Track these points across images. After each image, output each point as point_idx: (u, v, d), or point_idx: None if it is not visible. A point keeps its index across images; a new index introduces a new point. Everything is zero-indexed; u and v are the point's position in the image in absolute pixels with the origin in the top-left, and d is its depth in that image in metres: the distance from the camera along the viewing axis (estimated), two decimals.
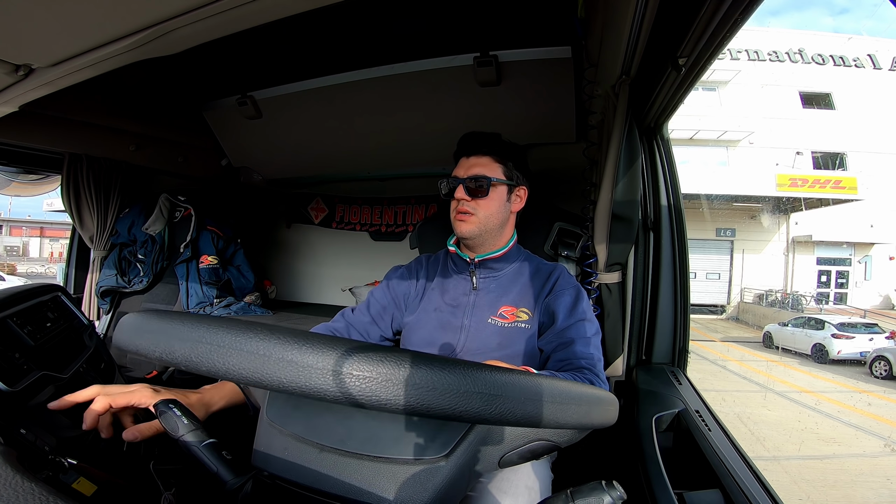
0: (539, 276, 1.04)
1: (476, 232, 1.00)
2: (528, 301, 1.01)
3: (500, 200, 1.01)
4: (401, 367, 0.35)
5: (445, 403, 0.35)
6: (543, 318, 0.99)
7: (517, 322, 0.99)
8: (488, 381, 0.36)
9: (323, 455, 0.48)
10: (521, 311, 1.00)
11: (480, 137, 1.03)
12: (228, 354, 0.37)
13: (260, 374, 0.36)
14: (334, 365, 0.34)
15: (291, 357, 0.35)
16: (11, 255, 23.41)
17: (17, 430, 0.71)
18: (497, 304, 1.01)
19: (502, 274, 1.05)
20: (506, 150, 1.03)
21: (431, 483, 0.45)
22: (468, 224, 1.00)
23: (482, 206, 1.00)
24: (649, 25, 0.81)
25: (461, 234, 1.01)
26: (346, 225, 2.62)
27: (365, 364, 0.34)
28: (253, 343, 0.37)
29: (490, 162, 1.01)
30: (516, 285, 1.03)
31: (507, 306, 1.01)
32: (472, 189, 0.99)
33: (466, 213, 1.00)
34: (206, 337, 0.39)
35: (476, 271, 1.04)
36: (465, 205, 1.00)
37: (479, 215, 1.00)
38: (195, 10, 0.63)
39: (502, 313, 1.00)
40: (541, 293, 1.01)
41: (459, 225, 1.01)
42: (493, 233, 1.02)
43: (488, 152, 1.02)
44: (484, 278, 1.05)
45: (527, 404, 0.38)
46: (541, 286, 1.02)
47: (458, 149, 1.06)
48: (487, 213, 1.00)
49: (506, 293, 1.02)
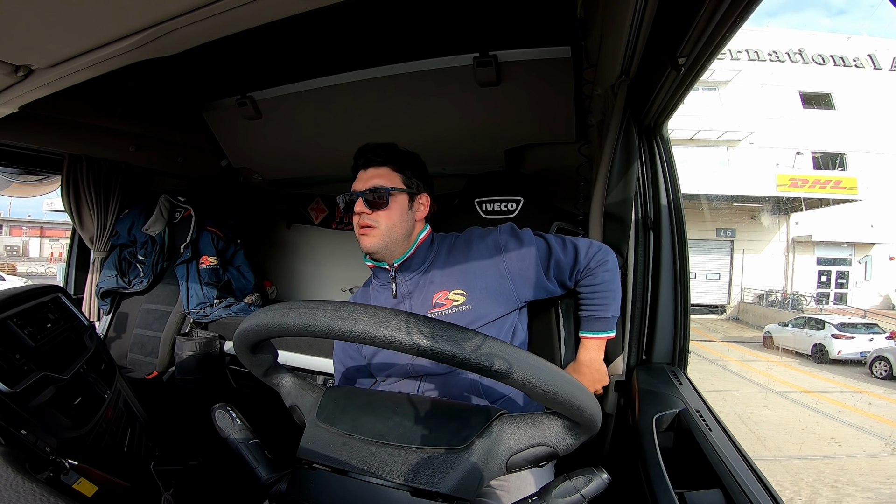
0: (476, 254, 1.02)
1: (381, 245, 0.98)
2: (459, 279, 1.00)
3: (401, 210, 1.00)
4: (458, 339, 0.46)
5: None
6: (524, 287, 1.00)
7: (454, 306, 0.98)
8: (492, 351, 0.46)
9: (364, 445, 0.58)
10: (454, 294, 0.99)
11: (376, 148, 1.01)
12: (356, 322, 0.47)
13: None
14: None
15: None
16: (11, 255, 23.40)
17: (17, 431, 0.71)
18: (429, 296, 1.00)
19: (423, 268, 1.03)
20: (403, 160, 1.02)
21: (454, 468, 0.55)
22: (371, 238, 0.97)
23: (383, 217, 0.97)
24: (648, 25, 0.81)
25: (365, 248, 0.99)
26: (346, 225, 2.61)
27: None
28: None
29: (388, 172, 1.00)
30: (442, 270, 1.02)
31: (440, 292, 0.99)
32: (372, 201, 0.97)
33: (368, 226, 0.97)
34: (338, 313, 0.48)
35: (397, 276, 1.02)
36: (366, 218, 0.97)
37: (382, 227, 0.97)
38: (195, 10, 0.63)
39: (437, 302, 0.99)
40: (496, 275, 1.00)
41: (363, 240, 0.98)
42: (398, 243, 1.00)
43: (384, 162, 1.00)
44: (407, 280, 1.03)
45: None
46: (490, 267, 1.00)
47: (355, 162, 1.03)
48: (390, 223, 0.98)
49: (431, 282, 1.01)
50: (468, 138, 1.76)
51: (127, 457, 1.15)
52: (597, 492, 0.51)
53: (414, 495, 0.54)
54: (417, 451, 0.56)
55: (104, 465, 0.84)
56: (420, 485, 0.54)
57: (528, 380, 0.45)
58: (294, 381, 0.67)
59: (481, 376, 0.73)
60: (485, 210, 1.41)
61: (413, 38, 1.44)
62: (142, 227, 2.10)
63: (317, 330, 0.47)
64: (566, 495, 0.51)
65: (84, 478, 0.69)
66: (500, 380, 0.46)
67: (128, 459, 1.15)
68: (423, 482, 0.54)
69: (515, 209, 1.38)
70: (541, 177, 1.80)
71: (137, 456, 1.21)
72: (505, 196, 1.40)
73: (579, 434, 0.54)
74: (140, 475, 1.11)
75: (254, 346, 0.58)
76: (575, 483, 0.52)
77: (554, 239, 1.04)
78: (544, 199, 1.44)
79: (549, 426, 0.55)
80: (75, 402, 1.03)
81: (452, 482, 0.54)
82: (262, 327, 0.53)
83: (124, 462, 1.13)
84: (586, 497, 0.51)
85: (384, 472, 0.55)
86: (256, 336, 0.55)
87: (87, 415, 1.04)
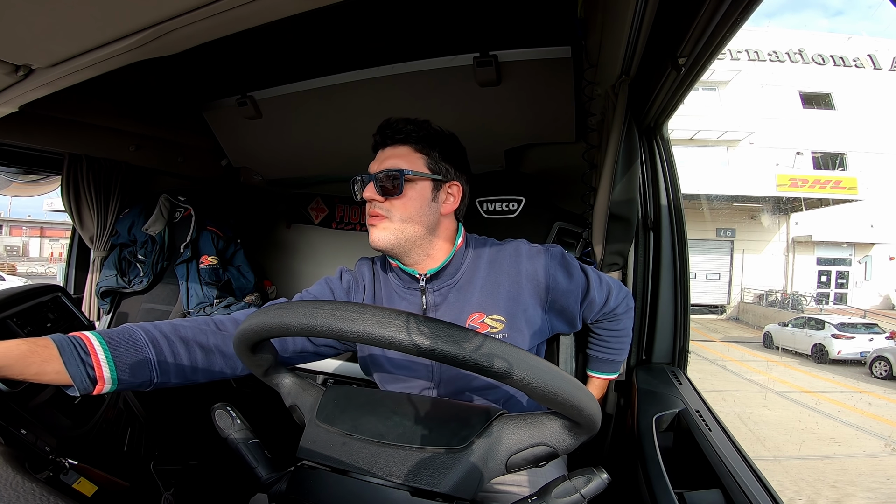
0: (525, 277, 0.87)
1: (392, 240, 0.81)
2: (500, 305, 0.85)
3: (421, 199, 0.82)
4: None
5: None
6: (559, 322, 0.91)
7: (490, 331, 0.83)
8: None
9: (364, 445, 0.58)
10: (491, 320, 0.84)
11: (397, 123, 0.85)
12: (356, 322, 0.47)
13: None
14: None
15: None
16: (11, 255, 23.40)
17: (17, 431, 0.71)
18: (462, 314, 0.85)
19: (457, 279, 0.87)
20: (430, 138, 0.85)
21: (453, 467, 0.55)
22: (380, 230, 0.81)
23: (398, 206, 0.81)
24: (649, 25, 0.81)
25: (373, 243, 0.82)
26: (346, 225, 2.62)
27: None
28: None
29: (409, 152, 0.83)
30: (481, 289, 0.86)
31: (476, 313, 0.84)
32: (385, 187, 0.80)
33: (378, 216, 0.81)
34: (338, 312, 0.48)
35: (427, 286, 0.86)
36: (376, 206, 0.81)
37: (395, 219, 0.81)
38: (195, 10, 0.63)
39: (471, 324, 0.84)
40: (536, 301, 0.87)
41: (370, 231, 0.82)
42: (417, 242, 0.82)
43: (405, 140, 0.84)
44: (436, 291, 0.86)
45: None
46: (533, 292, 0.87)
47: (375, 140, 0.88)
48: (405, 214, 0.80)
49: (467, 299, 0.85)
50: (468, 138, 1.74)
51: (127, 456, 1.15)
52: (596, 492, 0.52)
53: (414, 495, 0.54)
54: (417, 451, 0.56)
55: (104, 465, 0.84)
56: (420, 484, 0.54)
57: (527, 380, 0.45)
58: (294, 381, 0.67)
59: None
60: (486, 210, 1.41)
61: (413, 38, 1.44)
62: (142, 227, 2.10)
63: (316, 330, 0.47)
64: (566, 495, 0.51)
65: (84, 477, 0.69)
66: (500, 380, 0.46)
67: (128, 459, 1.15)
68: (423, 482, 0.54)
69: (517, 209, 1.38)
70: (541, 177, 1.80)
71: (137, 456, 1.21)
72: (506, 196, 1.40)
73: (579, 434, 0.54)
74: (140, 475, 1.11)
75: (254, 346, 0.58)
76: (575, 483, 0.52)
77: (593, 275, 0.92)
78: (545, 198, 1.44)
79: (549, 426, 0.55)
80: (75, 401, 1.03)
81: (452, 482, 0.54)
82: (262, 327, 0.53)
83: (124, 462, 1.13)
84: (586, 497, 0.51)
85: (384, 471, 0.55)
86: (256, 336, 0.55)
87: (86, 414, 1.04)
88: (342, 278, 0.96)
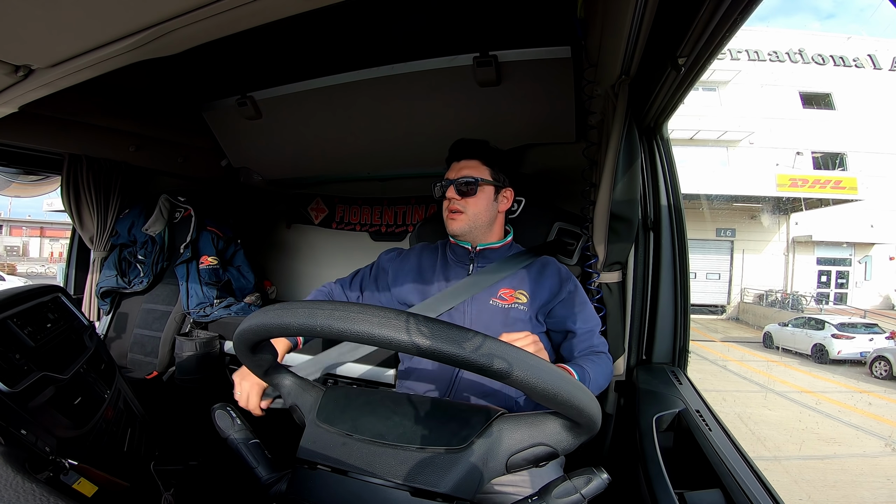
0: (547, 276, 1.11)
1: (466, 228, 1.11)
2: (526, 286, 1.09)
3: (487, 200, 1.12)
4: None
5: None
6: (554, 323, 1.08)
7: (516, 304, 1.07)
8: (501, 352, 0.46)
9: (364, 445, 0.58)
10: (518, 293, 1.09)
11: (470, 143, 1.15)
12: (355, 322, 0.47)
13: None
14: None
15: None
16: (11, 255, 23.40)
17: (17, 431, 0.71)
18: (495, 287, 1.09)
19: (497, 259, 1.14)
20: (492, 155, 1.14)
21: (453, 468, 0.55)
22: (458, 222, 1.10)
23: (471, 204, 1.10)
24: (649, 25, 0.81)
25: (452, 231, 1.12)
26: (346, 225, 2.61)
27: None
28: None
29: (478, 165, 1.12)
30: (513, 270, 1.11)
31: (505, 289, 1.09)
32: (462, 189, 1.09)
33: (457, 211, 1.10)
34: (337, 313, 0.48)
35: (475, 258, 1.14)
36: (455, 203, 1.10)
37: (469, 213, 1.10)
38: (195, 10, 0.63)
39: (501, 295, 1.08)
40: (550, 296, 1.08)
41: (450, 223, 1.12)
42: (481, 229, 1.13)
43: (475, 156, 1.13)
44: (481, 265, 1.14)
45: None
46: (551, 289, 1.09)
47: (450, 154, 1.17)
48: (476, 210, 1.10)
49: (501, 277, 1.10)
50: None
51: (127, 457, 1.15)
52: (597, 492, 0.52)
53: (414, 495, 0.54)
54: (417, 451, 0.56)
55: (104, 465, 0.84)
56: (420, 485, 0.54)
57: (527, 380, 0.45)
58: (294, 381, 0.67)
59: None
60: None
61: (413, 38, 1.44)
62: (142, 227, 2.10)
63: (316, 330, 0.47)
64: (566, 495, 0.51)
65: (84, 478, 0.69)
66: (499, 380, 0.46)
67: (128, 459, 1.15)
68: (423, 482, 0.54)
69: (517, 209, 1.38)
70: (541, 177, 1.80)
71: (137, 456, 1.21)
72: None
73: (579, 434, 0.54)
74: (140, 475, 1.11)
75: (254, 346, 0.58)
76: (575, 483, 0.52)
77: (592, 316, 1.10)
78: (545, 199, 1.44)
79: (549, 426, 0.55)
80: (75, 401, 1.03)
81: (452, 482, 0.54)
82: (262, 327, 0.53)
83: (124, 462, 1.13)
84: (586, 497, 0.51)
85: (384, 472, 0.55)
86: (256, 336, 0.55)
87: (87, 415, 1.04)
88: (389, 254, 1.25)
